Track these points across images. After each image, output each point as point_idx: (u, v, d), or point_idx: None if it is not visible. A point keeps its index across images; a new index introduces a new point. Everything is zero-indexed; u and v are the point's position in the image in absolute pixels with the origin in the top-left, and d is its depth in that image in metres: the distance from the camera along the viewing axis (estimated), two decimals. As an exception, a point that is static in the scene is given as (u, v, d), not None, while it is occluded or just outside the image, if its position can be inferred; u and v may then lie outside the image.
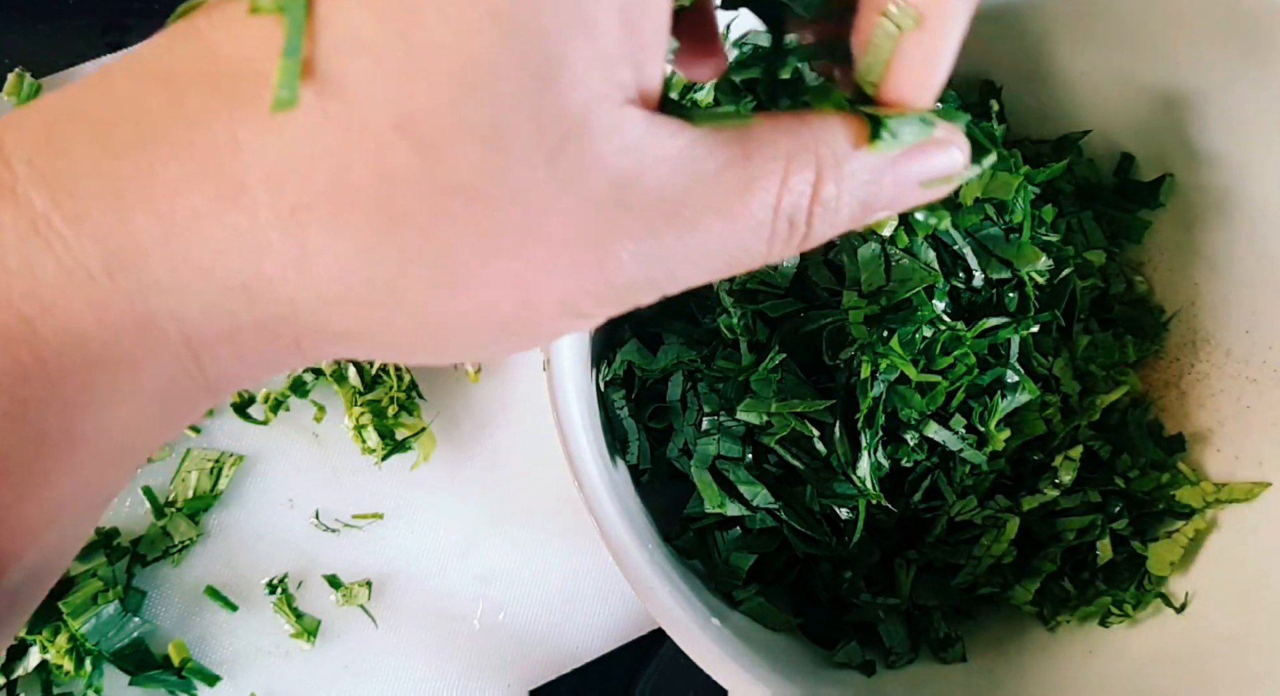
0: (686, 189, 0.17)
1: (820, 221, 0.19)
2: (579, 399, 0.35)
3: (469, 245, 0.16)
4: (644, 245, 0.17)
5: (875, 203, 0.20)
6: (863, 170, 0.19)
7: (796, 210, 0.19)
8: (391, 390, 0.49)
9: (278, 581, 0.48)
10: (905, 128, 0.19)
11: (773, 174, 0.18)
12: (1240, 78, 0.41)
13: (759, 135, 0.18)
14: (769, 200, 0.18)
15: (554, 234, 0.17)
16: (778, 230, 0.19)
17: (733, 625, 0.36)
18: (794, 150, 0.18)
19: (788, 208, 0.18)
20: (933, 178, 0.20)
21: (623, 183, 0.17)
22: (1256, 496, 0.41)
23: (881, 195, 0.20)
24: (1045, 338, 0.43)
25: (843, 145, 0.19)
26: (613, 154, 0.17)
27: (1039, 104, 0.48)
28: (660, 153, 0.17)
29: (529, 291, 0.17)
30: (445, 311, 0.17)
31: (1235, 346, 0.45)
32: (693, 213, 0.17)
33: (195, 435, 0.50)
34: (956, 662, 0.42)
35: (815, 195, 0.19)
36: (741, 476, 0.39)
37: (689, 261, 0.18)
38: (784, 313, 0.39)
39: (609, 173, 0.17)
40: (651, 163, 0.17)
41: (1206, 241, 0.46)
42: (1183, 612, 0.40)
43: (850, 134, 0.19)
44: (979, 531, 0.42)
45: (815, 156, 0.19)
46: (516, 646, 0.48)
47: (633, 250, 0.17)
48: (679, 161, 0.17)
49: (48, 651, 0.44)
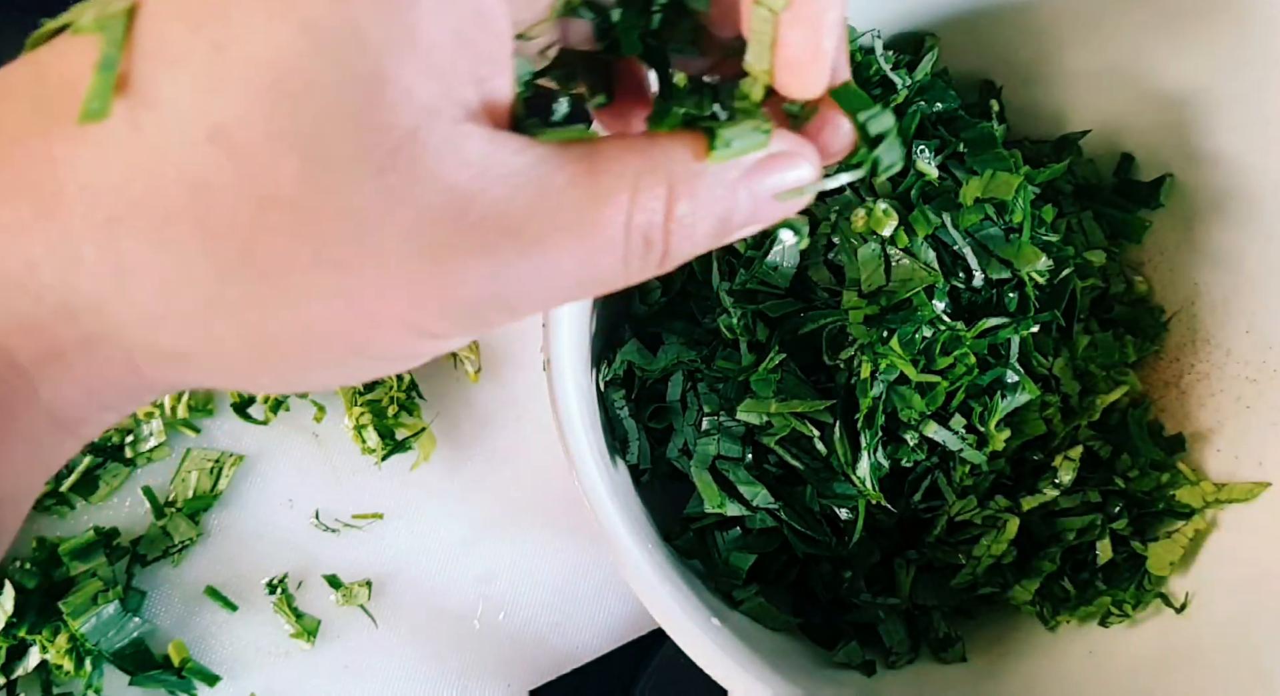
0: (530, 205, 0.17)
1: (679, 239, 0.19)
2: (579, 399, 0.35)
3: (291, 259, 0.16)
4: (487, 262, 0.17)
5: (733, 218, 0.20)
6: (715, 185, 0.19)
7: (651, 228, 0.18)
8: (391, 390, 0.49)
9: (278, 581, 0.48)
10: (738, 137, 0.19)
11: (621, 191, 0.18)
12: (1240, 77, 0.41)
13: (607, 153, 0.18)
14: (619, 217, 0.18)
15: (387, 250, 0.16)
16: (633, 248, 0.18)
17: (733, 625, 0.36)
18: (643, 168, 0.18)
19: (641, 225, 0.18)
20: (784, 190, 0.20)
21: (460, 199, 0.17)
22: (1256, 496, 0.41)
23: (738, 210, 0.20)
24: (1045, 338, 0.43)
25: (692, 161, 0.19)
26: (449, 169, 0.16)
27: (1039, 104, 0.48)
28: (502, 169, 0.17)
29: (366, 309, 0.17)
30: (274, 330, 0.17)
31: (1235, 346, 0.45)
32: (537, 230, 0.17)
33: (195, 435, 0.50)
34: (956, 662, 0.42)
35: (670, 212, 0.19)
36: (741, 476, 0.39)
37: (539, 279, 0.18)
38: (784, 313, 0.39)
39: (445, 188, 0.16)
40: (493, 179, 0.17)
41: (1206, 241, 0.46)
42: (1183, 612, 0.40)
43: (695, 149, 0.19)
44: (979, 531, 0.42)
45: (667, 174, 0.19)
46: (516, 646, 0.48)
47: (475, 267, 0.17)
48: (522, 178, 0.17)
49: (48, 651, 0.44)
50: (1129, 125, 0.46)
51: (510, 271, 0.17)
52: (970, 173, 0.40)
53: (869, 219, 0.37)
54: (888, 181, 0.40)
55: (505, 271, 0.17)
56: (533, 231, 0.17)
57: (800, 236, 0.38)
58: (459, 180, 0.16)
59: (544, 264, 0.18)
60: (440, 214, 0.16)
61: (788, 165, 0.20)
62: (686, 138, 0.19)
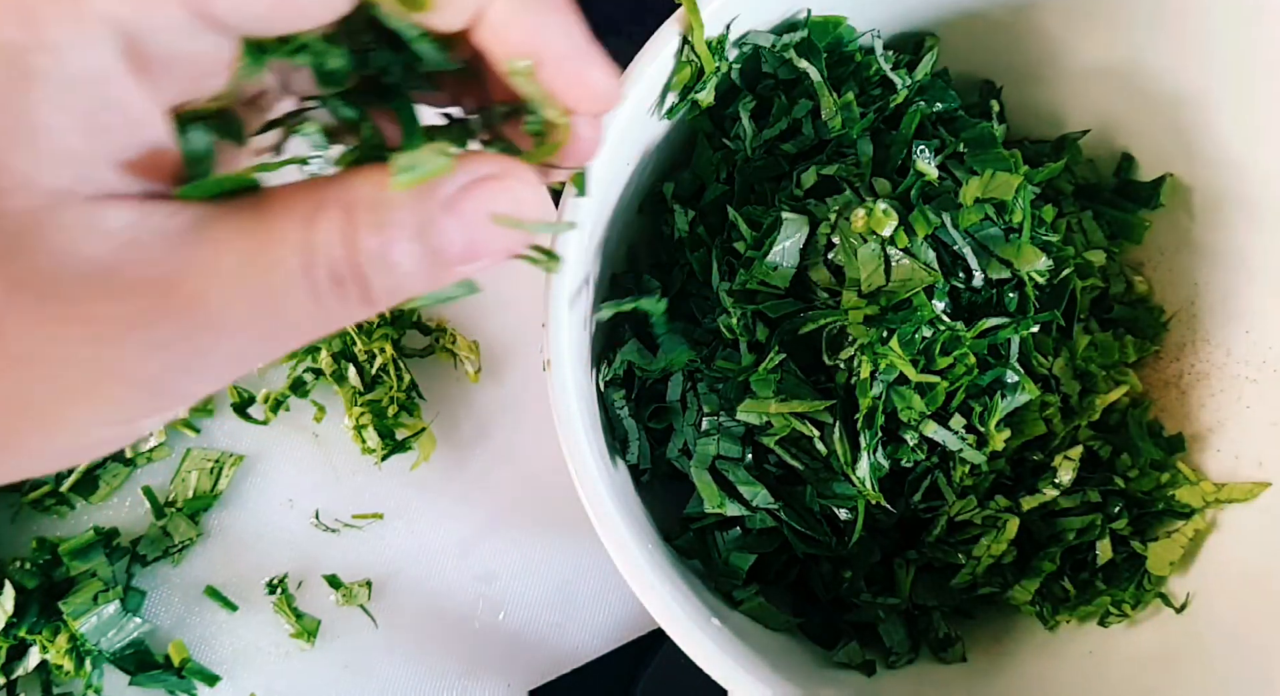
0: (187, 262, 0.17)
1: (377, 275, 0.18)
2: (579, 399, 0.35)
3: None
4: (153, 332, 0.17)
5: (448, 250, 0.19)
6: (409, 214, 0.18)
7: (336, 264, 0.18)
8: (391, 390, 0.49)
9: (278, 581, 0.48)
10: (419, 162, 0.19)
11: (291, 230, 0.18)
12: (1240, 77, 0.41)
13: (280, 196, 0.18)
14: (291, 258, 0.17)
15: (33, 341, 0.16)
16: (320, 289, 0.18)
17: (733, 625, 0.36)
18: (314, 205, 0.18)
19: (325, 263, 0.18)
20: (498, 214, 0.19)
21: (104, 271, 0.16)
22: (1256, 496, 0.41)
23: (450, 240, 0.19)
24: (1045, 338, 0.43)
25: (373, 192, 0.18)
26: (89, 246, 0.16)
27: (1039, 104, 0.48)
28: (153, 235, 0.17)
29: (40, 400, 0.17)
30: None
31: (1235, 346, 0.45)
32: (196, 287, 0.17)
33: (195, 435, 0.50)
34: (956, 662, 0.42)
35: (352, 244, 0.18)
36: (741, 476, 0.39)
37: (216, 339, 0.17)
38: (784, 313, 0.39)
39: (83, 266, 0.16)
40: (143, 246, 0.17)
41: (1206, 242, 0.46)
42: (1183, 612, 0.40)
43: (379, 181, 0.18)
44: (979, 531, 0.42)
45: (342, 207, 0.18)
46: (516, 646, 0.48)
47: (143, 339, 0.17)
48: (177, 239, 0.17)
49: (48, 651, 0.44)
50: (1129, 125, 0.46)
51: (186, 333, 0.17)
52: (970, 173, 0.40)
53: (869, 219, 0.37)
54: (887, 182, 0.40)
55: (181, 335, 0.17)
56: (194, 288, 0.17)
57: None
58: (99, 253, 0.16)
59: (220, 319, 0.17)
60: (83, 292, 0.16)
61: (496, 188, 0.19)
62: (371, 170, 0.19)
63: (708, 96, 0.40)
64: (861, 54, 0.42)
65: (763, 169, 0.42)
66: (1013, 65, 0.47)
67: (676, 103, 0.39)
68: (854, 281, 0.38)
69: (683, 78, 0.38)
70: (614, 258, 0.43)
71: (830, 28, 0.41)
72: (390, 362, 0.49)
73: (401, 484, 0.50)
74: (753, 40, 0.40)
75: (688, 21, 0.36)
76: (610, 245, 0.42)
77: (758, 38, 0.40)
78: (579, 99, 0.21)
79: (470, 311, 0.52)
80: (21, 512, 0.48)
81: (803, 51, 0.40)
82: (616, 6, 0.58)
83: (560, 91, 0.21)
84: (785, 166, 0.42)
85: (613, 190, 0.39)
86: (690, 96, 0.39)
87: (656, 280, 0.43)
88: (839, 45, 0.42)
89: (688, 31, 0.36)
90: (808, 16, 0.41)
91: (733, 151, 0.42)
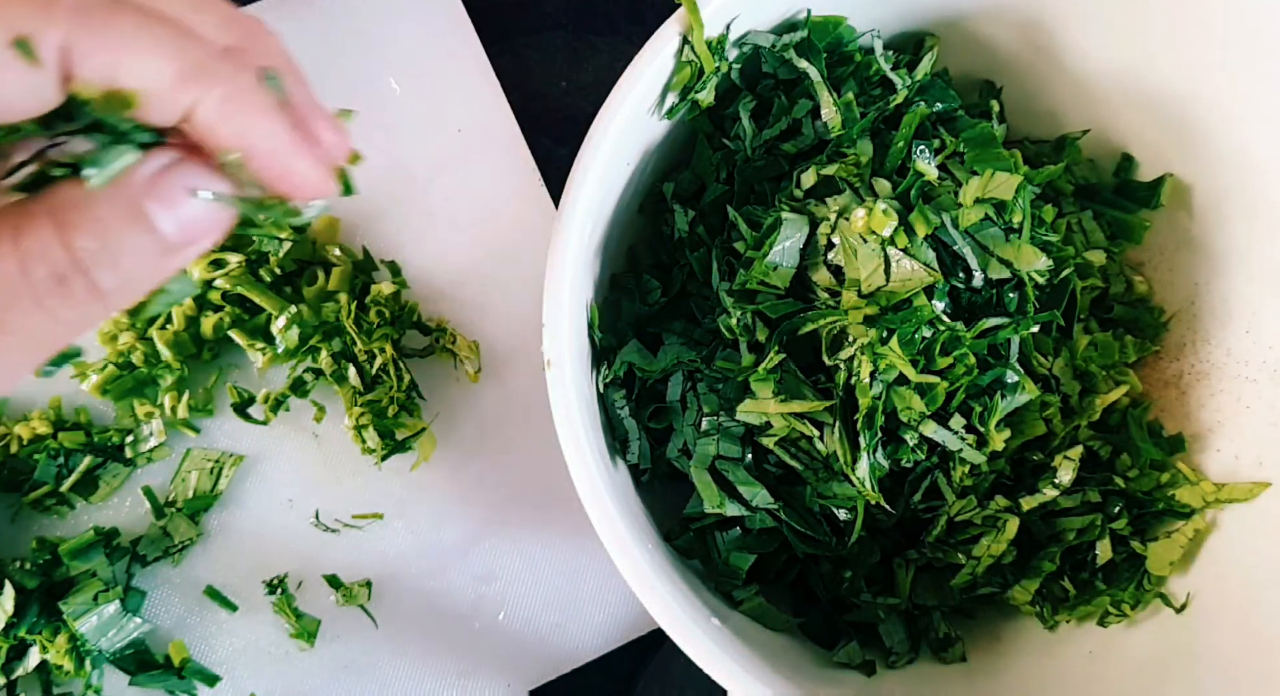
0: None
1: (102, 269, 0.19)
2: (579, 399, 0.35)
3: None
4: None
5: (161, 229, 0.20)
6: (111, 207, 0.20)
7: (56, 265, 0.19)
8: (391, 390, 0.49)
9: (277, 581, 0.48)
10: (108, 158, 0.20)
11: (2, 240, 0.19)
12: (1241, 78, 0.41)
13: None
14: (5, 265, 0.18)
15: None
16: (41, 289, 0.19)
17: (733, 625, 0.36)
18: (23, 216, 0.19)
19: (45, 265, 0.19)
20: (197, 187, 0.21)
21: None
22: (1256, 496, 0.41)
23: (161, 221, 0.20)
24: (1045, 338, 0.43)
25: (75, 195, 0.19)
26: None
27: (1039, 104, 0.48)
28: None
29: None
30: None
31: (1235, 346, 0.45)
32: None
33: (195, 435, 0.50)
34: (956, 662, 0.42)
35: (69, 245, 0.19)
36: (741, 476, 0.39)
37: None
38: (784, 313, 0.39)
39: None
40: None
41: (1206, 242, 0.46)
42: (1183, 612, 0.40)
43: (76, 186, 0.20)
44: (979, 531, 0.42)
45: (47, 214, 0.19)
46: (516, 646, 0.48)
47: None
48: None
49: (48, 651, 0.44)
50: (1129, 125, 0.46)
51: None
52: (970, 173, 0.40)
53: (869, 219, 0.37)
54: (887, 182, 0.40)
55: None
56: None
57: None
58: None
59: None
60: None
61: (187, 167, 0.21)
62: (66, 183, 0.20)
63: (708, 96, 0.40)
64: (861, 54, 0.42)
65: (763, 169, 0.42)
66: (1013, 65, 0.47)
67: (676, 103, 0.39)
68: (854, 281, 0.38)
69: (683, 78, 0.38)
70: (614, 258, 0.43)
71: (830, 28, 0.41)
72: (390, 363, 0.49)
73: (401, 484, 0.50)
74: (753, 40, 0.40)
75: (688, 21, 0.36)
76: (610, 245, 0.42)
77: (758, 38, 0.40)
78: (289, 189, 0.23)
79: (470, 311, 0.52)
80: (21, 512, 0.48)
81: (803, 51, 0.40)
82: (616, 6, 0.58)
83: (270, 182, 0.22)
84: (785, 166, 0.42)
85: (613, 190, 0.39)
86: (690, 96, 0.39)
87: (656, 280, 0.43)
88: (839, 45, 0.42)
89: (688, 31, 0.36)
90: (808, 16, 0.41)
91: (733, 151, 0.42)
